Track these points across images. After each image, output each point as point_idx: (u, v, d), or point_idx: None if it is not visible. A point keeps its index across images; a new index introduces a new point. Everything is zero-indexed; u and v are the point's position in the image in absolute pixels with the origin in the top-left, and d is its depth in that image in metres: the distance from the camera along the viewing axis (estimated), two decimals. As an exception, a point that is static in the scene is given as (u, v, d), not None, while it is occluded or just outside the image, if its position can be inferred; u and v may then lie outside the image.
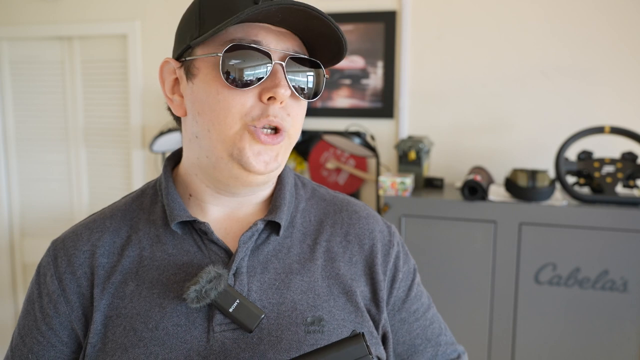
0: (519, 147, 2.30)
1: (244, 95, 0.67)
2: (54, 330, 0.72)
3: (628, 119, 2.14)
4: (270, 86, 0.66)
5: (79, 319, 0.72)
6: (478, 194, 1.88)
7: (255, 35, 0.67)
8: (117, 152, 2.92)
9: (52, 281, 0.73)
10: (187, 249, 0.73)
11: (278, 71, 0.67)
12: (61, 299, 0.72)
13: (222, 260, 0.72)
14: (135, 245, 0.74)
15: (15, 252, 3.16)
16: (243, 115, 0.67)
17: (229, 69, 0.66)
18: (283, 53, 0.68)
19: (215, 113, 0.68)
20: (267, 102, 0.67)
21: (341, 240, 0.78)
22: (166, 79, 0.75)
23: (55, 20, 2.88)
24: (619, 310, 1.78)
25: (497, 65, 2.30)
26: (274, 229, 0.75)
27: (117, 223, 0.76)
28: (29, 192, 3.11)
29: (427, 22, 2.37)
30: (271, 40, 0.67)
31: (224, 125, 0.67)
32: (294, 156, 2.60)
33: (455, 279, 1.90)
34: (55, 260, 0.74)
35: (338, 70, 2.50)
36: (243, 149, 0.67)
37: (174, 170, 0.80)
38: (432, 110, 2.40)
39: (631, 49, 2.17)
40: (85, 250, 0.74)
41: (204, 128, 0.70)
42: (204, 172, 0.73)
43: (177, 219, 0.72)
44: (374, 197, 2.47)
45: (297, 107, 0.71)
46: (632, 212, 1.75)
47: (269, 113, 0.67)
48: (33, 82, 3.02)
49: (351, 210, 0.82)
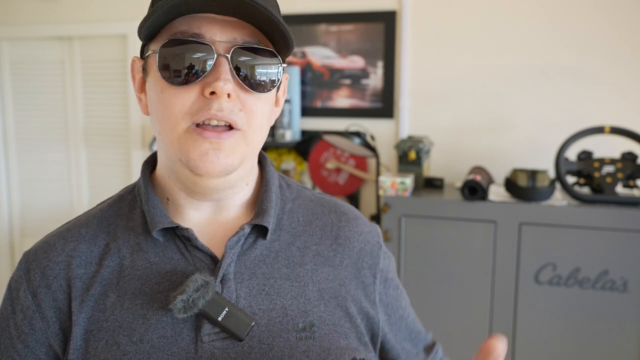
0: (519, 147, 2.30)
1: (186, 93, 0.63)
2: (30, 348, 0.68)
3: (628, 119, 2.14)
4: (212, 80, 0.62)
5: (56, 334, 0.68)
6: (478, 194, 1.88)
7: (198, 28, 0.63)
8: (117, 152, 2.92)
9: (25, 296, 0.68)
10: (170, 256, 0.69)
11: (221, 64, 0.62)
12: (36, 315, 0.68)
13: (208, 267, 0.68)
14: (114, 254, 0.70)
15: (15, 252, 3.16)
16: (185, 114, 0.63)
17: (167, 66, 0.63)
18: (229, 44, 0.63)
19: (160, 113, 0.65)
20: (209, 96, 0.62)
21: (331, 243, 0.75)
22: (136, 78, 0.72)
23: (55, 20, 2.88)
24: (619, 310, 1.77)
25: (497, 65, 2.30)
26: (261, 233, 0.72)
27: (94, 231, 0.72)
28: (29, 192, 3.11)
29: (427, 22, 2.37)
30: (216, 32, 0.63)
31: (169, 125, 0.64)
32: (294, 156, 2.61)
33: (455, 279, 1.90)
34: (28, 274, 0.69)
35: (338, 70, 2.50)
36: (188, 153, 0.63)
37: (152, 173, 0.76)
38: (432, 110, 2.40)
39: (631, 49, 2.17)
40: (59, 261, 0.69)
41: (156, 129, 0.67)
42: (172, 174, 0.70)
43: (158, 225, 0.68)
44: (374, 197, 2.47)
45: (251, 101, 0.65)
46: (632, 212, 1.75)
47: (212, 107, 0.62)
48: (33, 82, 3.02)
49: (340, 212, 0.79)
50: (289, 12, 2.51)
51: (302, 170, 2.61)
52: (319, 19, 2.49)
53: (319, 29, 2.50)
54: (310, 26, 2.51)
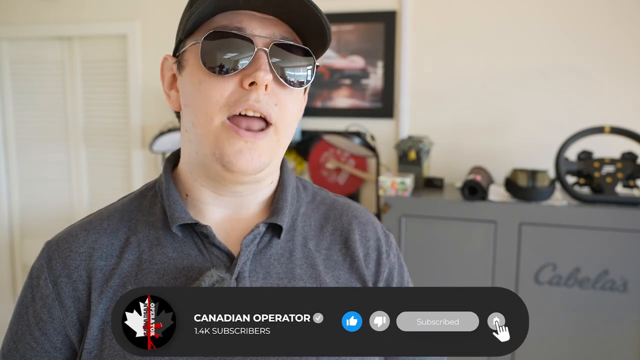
0: (519, 147, 2.30)
1: (225, 83, 0.65)
2: (48, 335, 0.70)
3: (628, 119, 2.14)
4: (251, 72, 0.64)
5: (74, 324, 0.69)
6: (478, 194, 1.88)
7: (239, 22, 0.66)
8: (117, 152, 2.92)
9: (46, 285, 0.70)
10: (187, 252, 0.71)
11: (260, 57, 0.65)
12: (55, 303, 0.69)
13: (224, 264, 0.70)
14: (134, 248, 0.71)
15: (15, 252, 3.16)
16: (222, 105, 0.65)
17: (208, 56, 0.65)
18: (268, 39, 0.66)
19: (197, 103, 0.67)
20: (248, 87, 0.65)
21: (341, 247, 0.76)
22: (165, 76, 0.74)
23: (55, 20, 2.88)
24: (619, 310, 1.77)
25: (497, 65, 2.30)
26: (276, 232, 0.73)
27: (115, 224, 0.74)
28: (29, 192, 3.11)
29: (427, 23, 2.37)
30: (256, 27, 0.66)
31: (205, 117, 0.66)
32: (294, 156, 2.61)
33: (455, 279, 1.90)
34: (50, 263, 0.71)
35: (338, 70, 2.50)
36: (223, 148, 0.65)
37: (174, 170, 0.78)
38: (432, 110, 2.40)
39: (631, 49, 2.17)
40: (81, 252, 0.71)
41: (190, 121, 0.69)
42: (198, 170, 0.71)
43: (178, 221, 0.70)
44: (374, 197, 2.47)
45: (285, 96, 0.68)
46: (632, 212, 1.75)
47: (249, 98, 0.64)
48: (33, 82, 3.02)
49: (351, 216, 0.80)
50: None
51: (302, 170, 2.61)
52: (319, 19, 2.48)
53: (319, 29, 2.50)
54: (310, 26, 2.50)
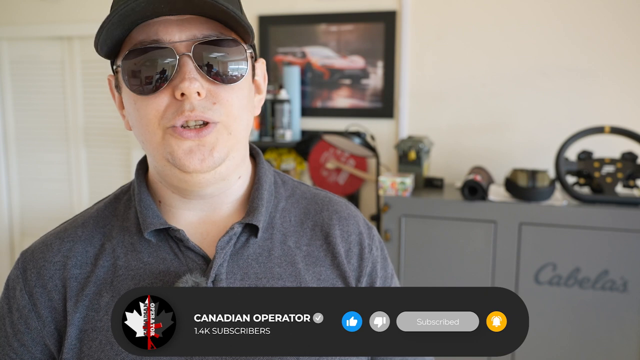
0: (519, 147, 2.30)
1: (157, 99, 0.63)
2: (26, 346, 0.69)
3: (628, 119, 2.14)
4: (178, 82, 0.62)
5: (52, 334, 0.68)
6: (478, 194, 1.88)
7: (155, 33, 0.62)
8: (117, 152, 2.92)
9: (22, 295, 0.69)
10: (163, 256, 0.69)
11: (185, 64, 0.62)
12: (32, 314, 0.69)
13: (200, 268, 0.68)
14: (109, 255, 0.70)
15: (15, 252, 3.16)
16: (160, 118, 0.63)
17: (133, 78, 0.63)
18: (189, 42, 0.63)
19: (138, 124, 0.65)
20: (181, 98, 0.62)
21: (322, 243, 0.75)
22: (115, 95, 0.72)
23: (55, 20, 2.88)
24: (619, 310, 1.77)
25: (497, 65, 2.30)
26: (253, 232, 0.72)
27: (90, 231, 0.73)
28: (29, 192, 3.11)
29: (427, 22, 2.37)
30: (174, 32, 0.63)
31: (149, 134, 0.65)
32: (294, 156, 2.61)
33: (455, 279, 1.90)
34: (25, 273, 0.70)
35: (338, 70, 2.50)
36: (173, 152, 0.64)
37: (146, 175, 0.76)
38: (432, 110, 2.40)
39: (631, 49, 2.17)
40: (55, 261, 0.70)
41: (140, 140, 0.68)
42: (163, 179, 0.70)
43: (150, 227, 0.69)
44: (374, 197, 2.47)
45: (224, 93, 0.65)
46: (632, 212, 1.75)
47: (184, 108, 0.62)
48: (33, 82, 3.02)
49: (332, 210, 0.78)
50: (289, 12, 2.51)
51: (302, 170, 2.61)
52: (319, 19, 2.49)
53: (319, 29, 2.50)
54: (310, 26, 2.51)
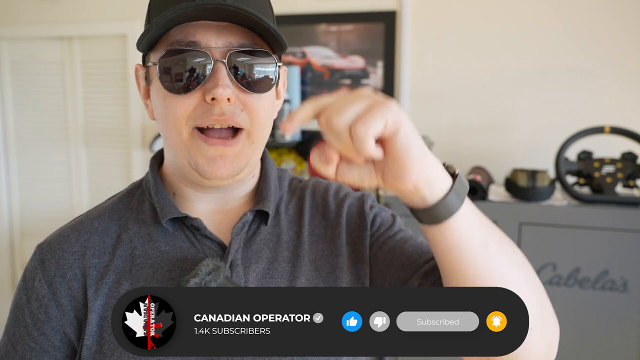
0: (519, 147, 2.30)
1: (187, 99, 0.65)
2: (46, 335, 0.71)
3: (628, 119, 2.14)
4: (211, 87, 0.64)
5: (71, 322, 0.70)
6: (478, 194, 1.88)
7: (193, 35, 0.65)
8: (117, 152, 2.92)
9: (41, 285, 0.71)
10: (179, 245, 0.72)
11: (218, 70, 0.64)
12: (52, 303, 0.70)
13: (217, 254, 0.72)
14: (126, 245, 0.73)
15: (15, 252, 3.16)
16: (188, 118, 0.66)
17: (167, 76, 0.65)
18: (225, 49, 0.65)
19: (165, 120, 0.67)
20: (211, 102, 0.65)
21: (320, 221, 0.78)
22: (141, 85, 0.75)
23: (55, 20, 2.88)
24: (619, 310, 1.77)
25: (497, 65, 2.30)
26: (263, 219, 0.76)
27: (106, 223, 0.75)
28: (29, 192, 3.11)
29: (427, 22, 2.37)
30: (211, 38, 0.65)
31: (174, 131, 0.67)
32: (294, 156, 2.61)
33: (455, 279, 1.90)
34: (43, 264, 0.72)
35: (338, 70, 2.50)
36: (196, 158, 0.66)
37: (160, 169, 0.79)
38: (432, 110, 2.40)
39: (631, 49, 2.17)
40: (74, 251, 0.72)
41: (163, 134, 0.70)
42: (180, 173, 0.73)
43: (168, 215, 0.72)
44: (374, 197, 2.47)
45: (252, 101, 0.67)
46: (632, 212, 1.75)
47: (214, 112, 0.65)
48: (33, 82, 3.02)
49: (323, 190, 0.82)
50: (289, 12, 2.51)
51: (302, 170, 2.61)
52: (318, 19, 2.49)
53: (319, 29, 2.50)
54: (310, 26, 2.51)
